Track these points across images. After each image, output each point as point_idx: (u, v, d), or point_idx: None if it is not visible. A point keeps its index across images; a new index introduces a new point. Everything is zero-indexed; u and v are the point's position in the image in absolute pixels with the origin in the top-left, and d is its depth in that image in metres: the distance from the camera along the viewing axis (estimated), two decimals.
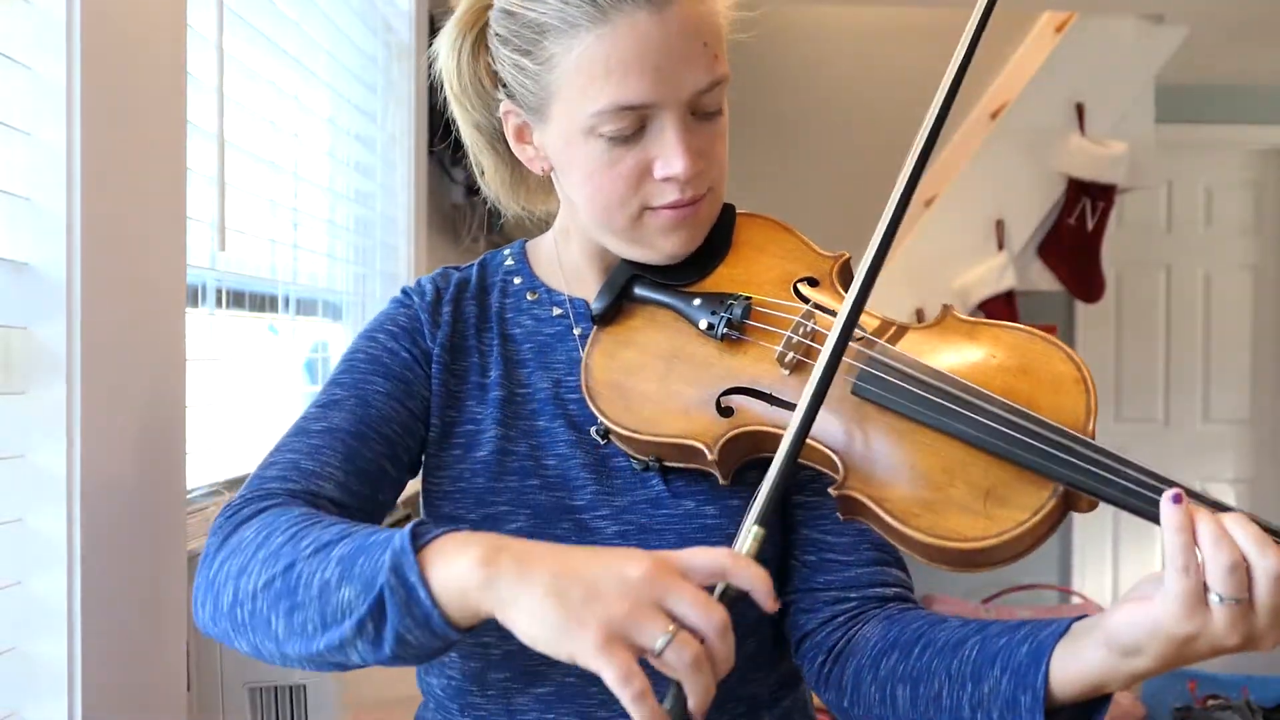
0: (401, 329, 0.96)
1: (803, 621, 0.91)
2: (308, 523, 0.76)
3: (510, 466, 0.91)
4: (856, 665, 0.84)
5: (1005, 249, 3.62)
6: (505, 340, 0.97)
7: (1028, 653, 0.73)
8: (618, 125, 0.83)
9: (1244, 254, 4.44)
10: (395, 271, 2.18)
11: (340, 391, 0.91)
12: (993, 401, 0.77)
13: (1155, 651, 0.67)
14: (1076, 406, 0.77)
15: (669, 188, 0.86)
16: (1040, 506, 0.73)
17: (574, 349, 0.95)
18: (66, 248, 0.90)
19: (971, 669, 0.76)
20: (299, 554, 0.73)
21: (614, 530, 0.89)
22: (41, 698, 0.90)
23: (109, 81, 0.95)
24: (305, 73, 1.68)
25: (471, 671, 0.92)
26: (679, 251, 0.90)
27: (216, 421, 1.39)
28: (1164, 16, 3.52)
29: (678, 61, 0.82)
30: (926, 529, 0.75)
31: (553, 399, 0.94)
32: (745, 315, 0.88)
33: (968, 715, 0.76)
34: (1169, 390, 4.43)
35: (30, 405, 0.90)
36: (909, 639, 0.82)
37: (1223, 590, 0.64)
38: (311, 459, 0.86)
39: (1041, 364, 0.80)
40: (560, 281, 0.99)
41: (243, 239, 1.46)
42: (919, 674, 0.79)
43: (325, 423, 0.89)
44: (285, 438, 0.89)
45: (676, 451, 0.86)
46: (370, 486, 0.88)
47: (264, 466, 0.87)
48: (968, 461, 0.76)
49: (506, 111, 0.92)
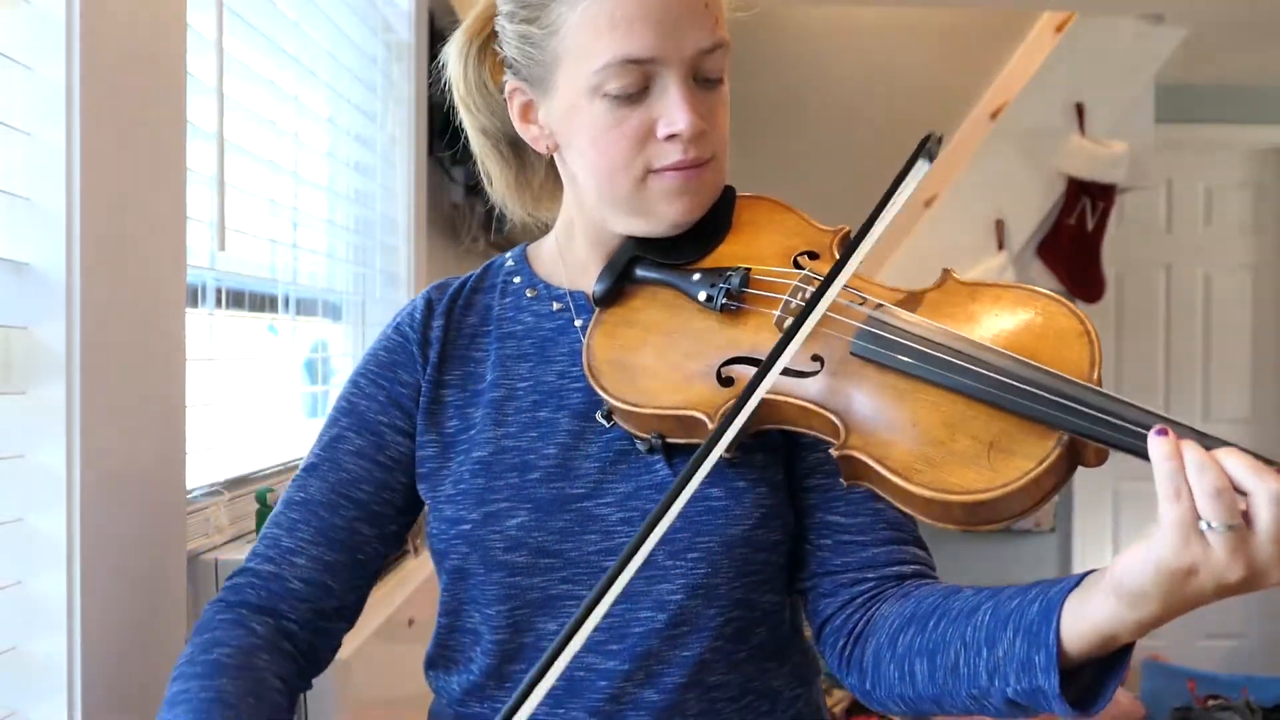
0: (382, 366, 0.99)
1: (822, 607, 0.91)
2: (193, 686, 0.83)
3: (508, 463, 0.92)
4: (876, 645, 0.85)
5: (1005, 249, 3.62)
6: (503, 340, 0.98)
7: (1038, 611, 0.73)
8: (623, 82, 0.85)
9: (1244, 254, 4.44)
10: (395, 271, 2.18)
11: (319, 453, 0.98)
12: (992, 353, 0.77)
13: (1160, 592, 0.66)
14: (1080, 358, 0.77)
15: (672, 148, 0.87)
16: (1045, 456, 0.72)
17: (576, 340, 0.96)
18: (66, 248, 0.90)
19: (986, 634, 0.76)
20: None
21: (618, 517, 0.89)
22: (41, 698, 0.90)
23: (109, 81, 0.95)
24: (305, 73, 1.68)
25: (490, 668, 0.93)
26: (682, 219, 0.91)
27: (216, 421, 1.39)
28: (1164, 16, 3.52)
29: (681, 18, 0.85)
30: (929, 484, 0.74)
31: (556, 391, 0.94)
32: (744, 284, 0.89)
33: (985, 682, 0.76)
34: (1169, 390, 4.43)
35: (30, 405, 0.90)
36: (925, 612, 0.82)
37: (1212, 516, 0.63)
38: (290, 535, 0.95)
39: (1044, 319, 0.80)
40: (562, 278, 1.00)
41: (243, 239, 1.46)
42: (935, 646, 0.79)
43: (304, 493, 0.96)
44: (279, 504, 0.98)
45: (679, 425, 0.86)
46: (347, 552, 0.95)
47: (261, 536, 0.97)
48: (969, 415, 0.76)
49: (512, 90, 0.93)
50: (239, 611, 0.92)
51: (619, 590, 0.74)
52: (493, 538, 0.90)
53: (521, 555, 0.89)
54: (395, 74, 2.16)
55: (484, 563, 0.90)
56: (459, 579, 0.93)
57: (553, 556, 0.89)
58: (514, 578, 0.90)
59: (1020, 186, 3.65)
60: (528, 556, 0.89)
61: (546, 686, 0.74)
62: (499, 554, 0.90)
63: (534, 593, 0.90)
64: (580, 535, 0.89)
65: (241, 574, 0.95)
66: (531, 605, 0.90)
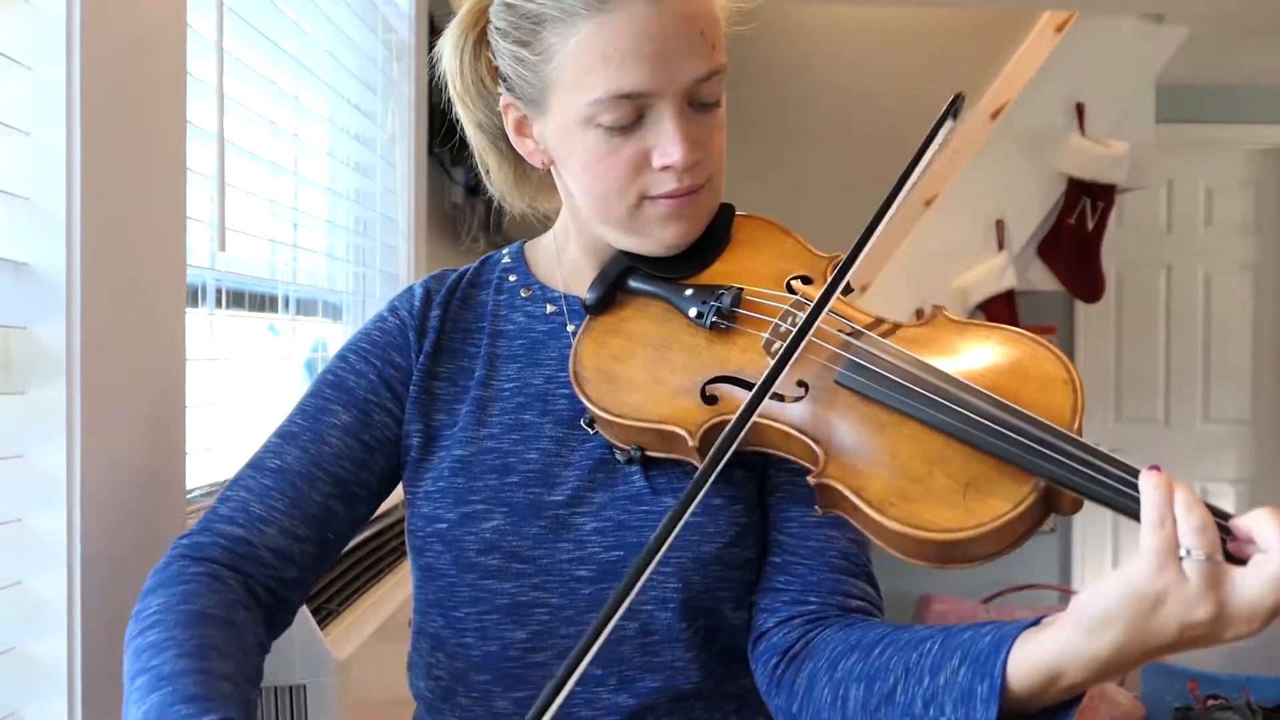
0: (375, 345, 0.97)
1: (761, 620, 0.90)
2: (179, 634, 0.79)
3: (487, 464, 0.91)
4: (813, 668, 0.82)
5: (1005, 249, 3.62)
6: (495, 338, 0.97)
7: (989, 643, 0.71)
8: (615, 115, 0.84)
9: (1244, 254, 4.44)
10: (395, 271, 2.18)
11: (300, 422, 0.94)
12: (976, 394, 0.77)
13: (1123, 619, 0.65)
14: (1063, 405, 0.77)
15: (667, 177, 0.87)
16: (1020, 500, 0.72)
17: (566, 345, 0.95)
18: (66, 248, 0.90)
19: (931, 661, 0.74)
20: (144, 669, 0.76)
21: (592, 527, 0.89)
22: (41, 698, 0.90)
23: (109, 81, 0.95)
24: (305, 73, 1.68)
25: (456, 671, 0.93)
26: (677, 242, 0.91)
27: (216, 421, 1.39)
28: (1164, 16, 3.52)
29: (675, 50, 0.83)
30: (903, 518, 0.74)
31: (542, 395, 0.94)
32: (735, 304, 0.89)
33: (919, 711, 0.73)
34: (1169, 390, 4.43)
35: (30, 405, 0.90)
36: (871, 641, 0.80)
37: (1193, 545, 0.64)
38: (261, 502, 0.90)
39: (1029, 363, 0.80)
40: (557, 280, 1.00)
41: (243, 239, 1.46)
42: (875, 672, 0.77)
43: (279, 460, 0.92)
44: (245, 467, 0.93)
45: (659, 439, 0.86)
46: (316, 528, 0.92)
47: (222, 498, 0.92)
48: (948, 453, 0.76)
49: (506, 105, 0.92)
50: (210, 566, 0.87)
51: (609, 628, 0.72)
52: (468, 539, 0.89)
53: (495, 559, 0.89)
54: (395, 74, 2.16)
55: (457, 563, 0.90)
56: (430, 578, 0.93)
57: (525, 562, 0.89)
58: (485, 580, 0.89)
59: (1020, 186, 3.65)
60: (500, 560, 0.89)
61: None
62: (472, 555, 0.89)
63: (503, 598, 0.89)
64: (554, 543, 0.89)
65: (204, 533, 0.90)
66: (500, 611, 0.90)
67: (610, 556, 0.88)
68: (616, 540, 0.88)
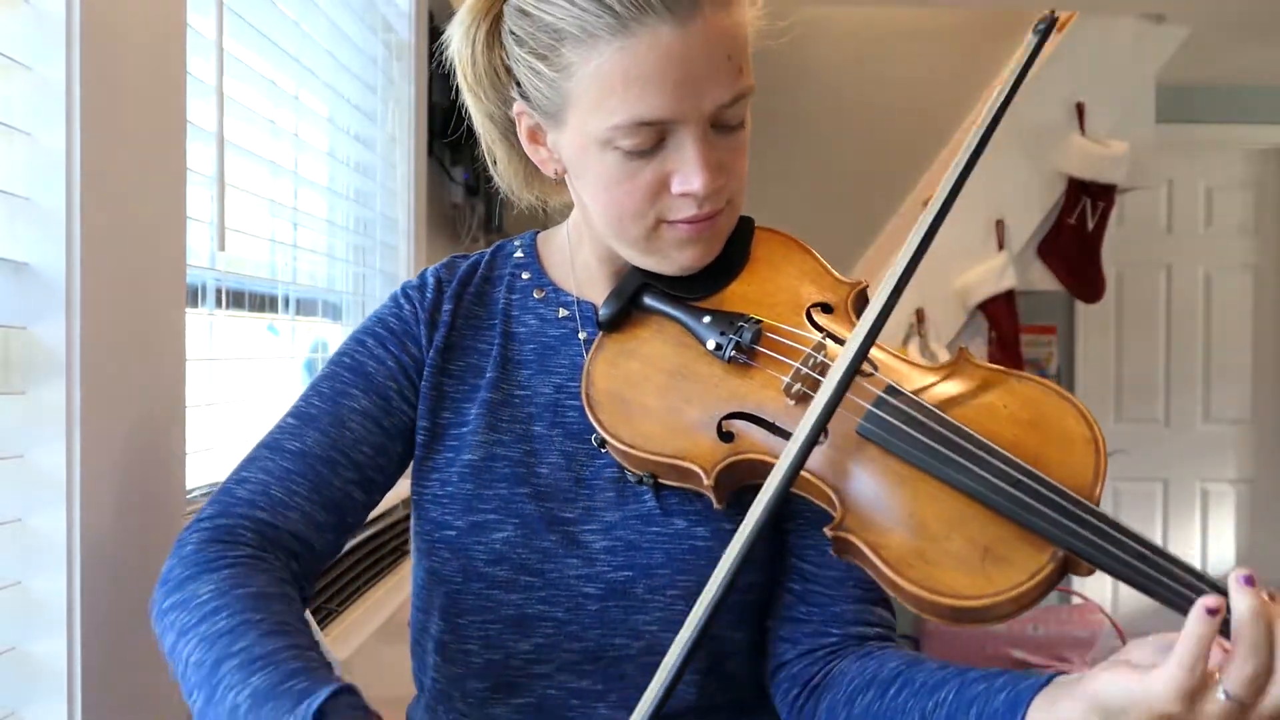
0: (392, 333, 0.95)
1: (781, 650, 0.90)
2: (253, 616, 0.75)
3: (499, 473, 0.90)
4: (831, 701, 0.83)
5: (1005, 249, 3.62)
6: (507, 339, 0.95)
7: (1004, 701, 0.72)
8: (635, 140, 0.81)
9: (1244, 254, 4.44)
10: (395, 272, 2.18)
11: (319, 404, 0.92)
12: (1000, 456, 0.75)
13: (1136, 718, 0.64)
14: (1085, 468, 0.75)
15: (686, 203, 0.84)
16: (1038, 570, 0.71)
17: (578, 353, 0.94)
18: (66, 248, 0.90)
19: (946, 712, 0.74)
20: (229, 655, 0.73)
21: (602, 545, 0.88)
22: (41, 698, 0.90)
23: (109, 81, 0.95)
24: (305, 73, 1.68)
25: (453, 676, 0.92)
26: (694, 264, 0.89)
27: (216, 421, 1.39)
28: (1164, 16, 3.52)
29: (700, 76, 0.79)
30: (920, 580, 0.73)
31: (552, 405, 0.92)
32: (755, 340, 0.86)
33: None
34: (1169, 390, 4.43)
35: (30, 405, 0.89)
36: (886, 678, 0.80)
37: (1235, 691, 0.62)
38: (281, 486, 0.87)
39: (1053, 419, 0.79)
40: (570, 282, 0.97)
41: (243, 239, 1.46)
42: (892, 713, 0.78)
43: (299, 442, 0.89)
44: (260, 448, 0.90)
45: (673, 471, 0.85)
46: (336, 514, 0.89)
47: (237, 479, 0.88)
48: (968, 515, 0.74)
49: (520, 112, 0.89)
50: (246, 550, 0.83)
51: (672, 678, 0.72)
52: (476, 548, 0.88)
53: (503, 570, 0.88)
54: (395, 74, 2.16)
55: (464, 571, 0.89)
56: (436, 583, 0.91)
57: (534, 575, 0.88)
58: (492, 590, 0.88)
59: (1020, 186, 3.65)
60: (509, 572, 0.88)
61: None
62: (481, 565, 0.88)
63: (509, 609, 0.88)
64: (563, 558, 0.87)
65: (227, 516, 0.85)
66: (504, 621, 0.89)
67: (619, 576, 0.87)
68: (626, 560, 0.87)
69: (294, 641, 0.74)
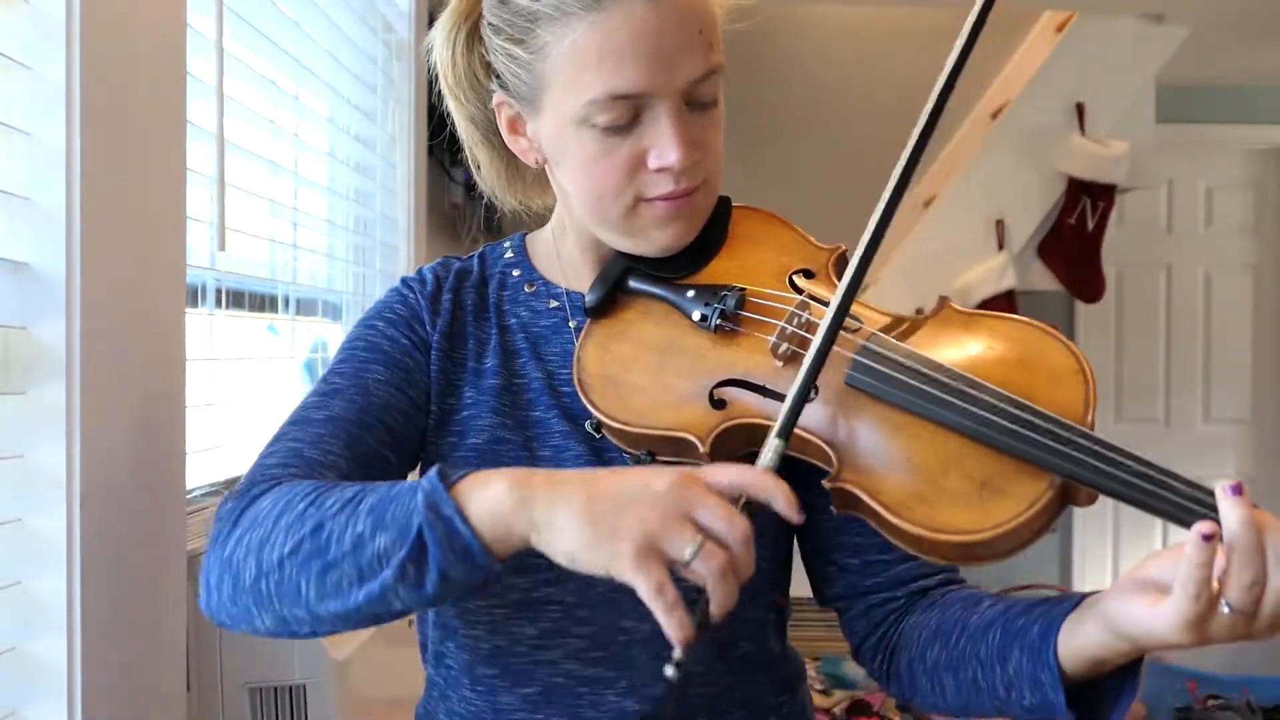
0: (400, 316, 0.96)
1: (859, 628, 0.93)
2: (326, 487, 0.76)
3: (505, 456, 0.91)
4: (909, 658, 0.88)
5: (1005, 249, 3.62)
6: (503, 330, 0.97)
7: (1039, 632, 0.76)
8: (611, 115, 0.83)
9: (1244, 254, 4.44)
10: (395, 272, 2.18)
11: (340, 380, 0.91)
12: (989, 392, 0.76)
13: (1150, 646, 0.70)
14: (1075, 398, 0.76)
15: (663, 178, 0.85)
16: (1037, 499, 0.73)
17: (569, 341, 0.95)
18: (66, 248, 0.90)
19: (997, 652, 0.80)
20: (325, 514, 0.72)
21: None
22: (41, 698, 0.90)
23: (109, 81, 0.95)
24: (305, 73, 1.68)
25: (463, 664, 0.93)
26: (674, 243, 0.90)
27: (216, 421, 1.39)
28: (1164, 16, 3.52)
29: (672, 50, 0.81)
30: (921, 521, 0.74)
31: (547, 390, 0.93)
32: (739, 306, 0.87)
33: (1003, 695, 0.79)
34: (1169, 390, 4.43)
35: (30, 405, 0.89)
36: (948, 627, 0.85)
37: (1235, 601, 0.65)
38: (314, 447, 0.85)
39: (1039, 355, 0.80)
40: (558, 275, 0.99)
41: (243, 239, 1.46)
42: (957, 661, 0.83)
43: (327, 411, 0.88)
44: (285, 426, 0.89)
45: (669, 445, 0.86)
46: (373, 476, 0.87)
47: (264, 455, 0.86)
48: (963, 453, 0.75)
49: (500, 103, 0.91)
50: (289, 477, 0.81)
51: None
52: None
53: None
54: (395, 74, 2.16)
55: None
56: None
57: (539, 556, 0.88)
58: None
59: (1020, 186, 3.65)
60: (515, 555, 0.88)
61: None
62: None
63: (515, 593, 0.89)
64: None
65: (259, 481, 0.81)
66: (511, 606, 0.89)
67: None
68: None
69: (376, 485, 0.74)
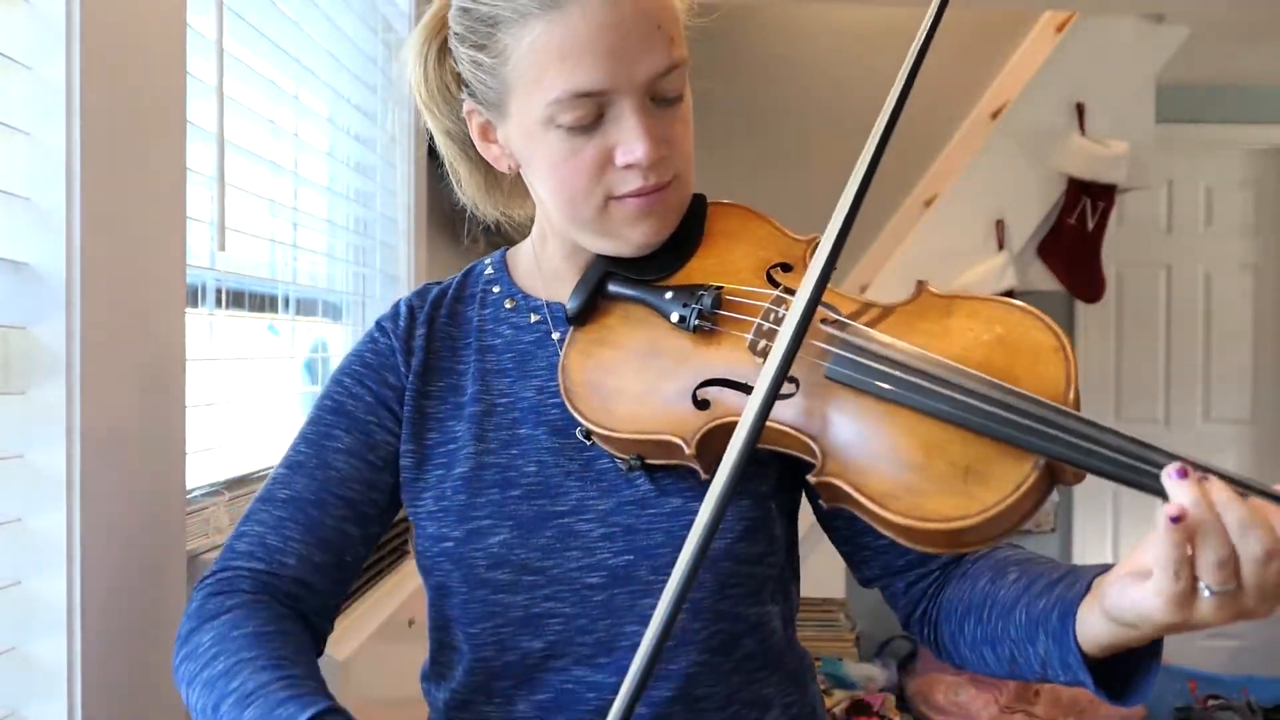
0: (369, 367, 0.97)
1: (901, 605, 0.95)
2: (247, 654, 0.81)
3: (488, 479, 0.91)
4: (950, 632, 0.90)
5: (1005, 249, 3.62)
6: (484, 353, 0.97)
7: (1058, 618, 0.77)
8: (575, 114, 0.82)
9: (1244, 254, 4.44)
10: (395, 272, 2.18)
11: (305, 450, 0.95)
12: (968, 376, 0.76)
13: (1148, 631, 0.70)
14: (1056, 376, 0.76)
15: (632, 175, 0.85)
16: (1021, 481, 0.72)
17: (553, 354, 0.95)
18: (66, 248, 0.90)
19: (1026, 632, 0.80)
20: (226, 695, 0.78)
21: (600, 534, 0.89)
22: (41, 698, 0.90)
23: (109, 81, 0.95)
24: (305, 73, 1.68)
25: (476, 683, 0.93)
26: (648, 241, 0.89)
27: (216, 421, 1.39)
28: (1164, 16, 3.52)
29: (632, 45, 0.81)
30: (907, 511, 0.74)
31: (535, 407, 0.93)
32: (716, 305, 0.87)
33: (1039, 669, 0.80)
34: (1169, 390, 4.43)
35: (30, 405, 0.90)
36: (979, 601, 0.86)
37: (1212, 582, 0.64)
38: (276, 533, 0.91)
39: (1018, 334, 0.79)
40: (539, 287, 0.99)
41: (243, 239, 1.46)
42: (993, 638, 0.84)
43: (288, 490, 0.93)
44: (255, 502, 0.94)
45: (657, 448, 0.86)
46: (334, 553, 0.92)
47: (237, 535, 0.93)
48: (945, 440, 0.75)
49: (469, 111, 0.92)
50: (243, 596, 0.88)
51: (659, 641, 0.72)
52: (475, 555, 0.89)
53: (504, 573, 0.89)
54: (395, 74, 2.16)
55: (466, 580, 0.90)
56: (442, 595, 0.93)
57: (535, 574, 0.89)
58: (497, 595, 0.89)
59: (1020, 186, 3.65)
60: (510, 574, 0.89)
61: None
62: (481, 571, 0.89)
63: (516, 610, 0.89)
64: (562, 552, 0.88)
65: (225, 571, 0.90)
66: (514, 623, 0.90)
67: (620, 561, 0.88)
68: (626, 545, 0.88)
69: (287, 674, 0.78)
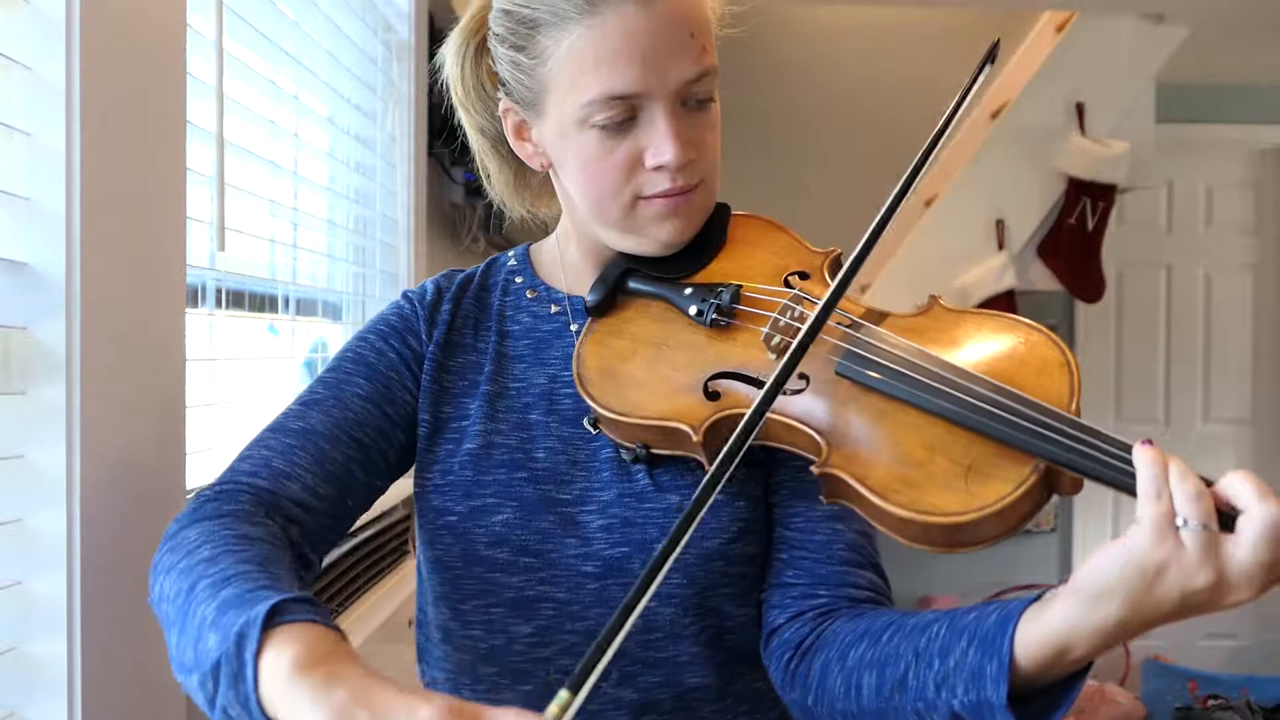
0: (393, 329, 0.99)
1: (772, 617, 0.91)
2: (235, 547, 0.75)
3: (497, 459, 0.93)
4: (825, 659, 0.83)
5: (1005, 249, 3.62)
6: (503, 337, 0.99)
7: (996, 622, 0.72)
8: (608, 115, 0.86)
9: (1244, 254, 4.44)
10: (395, 272, 2.18)
11: (322, 391, 0.95)
12: (974, 379, 0.78)
13: (1125, 589, 0.65)
14: (1060, 387, 0.78)
15: (660, 177, 0.88)
16: (1021, 482, 0.73)
17: (569, 345, 0.97)
18: (66, 248, 0.90)
19: (939, 645, 0.74)
20: (204, 576, 0.72)
21: (599, 524, 0.90)
22: (41, 698, 0.90)
23: (109, 81, 0.95)
24: (305, 73, 1.68)
25: (463, 664, 0.94)
26: (672, 240, 0.92)
27: (216, 421, 1.39)
28: (1164, 16, 3.52)
29: (665, 52, 0.85)
30: (907, 504, 0.75)
31: (547, 394, 0.96)
32: (734, 301, 0.90)
33: (931, 694, 0.73)
34: (1169, 390, 4.43)
35: (30, 405, 0.90)
36: (879, 628, 0.81)
37: (1189, 514, 0.64)
38: (283, 458, 0.89)
39: (1025, 348, 0.81)
40: (561, 281, 1.02)
41: (242, 239, 1.46)
42: (886, 659, 0.78)
43: (302, 422, 0.92)
44: (264, 431, 0.92)
45: (662, 436, 0.87)
46: (338, 489, 0.91)
47: (240, 458, 0.90)
48: (949, 438, 0.77)
49: (505, 109, 0.95)
50: (240, 506, 0.84)
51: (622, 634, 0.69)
52: (477, 531, 0.91)
53: (503, 552, 0.90)
54: (395, 74, 2.16)
55: (465, 556, 0.91)
56: (438, 570, 0.94)
57: (533, 556, 0.90)
58: (492, 574, 0.91)
59: (1020, 186, 3.65)
60: (509, 554, 0.90)
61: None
62: (481, 548, 0.90)
63: (510, 591, 0.91)
64: (561, 539, 0.90)
65: (226, 483, 0.87)
66: (506, 605, 0.91)
67: (615, 553, 0.90)
68: (622, 537, 0.90)
69: (270, 570, 0.73)
